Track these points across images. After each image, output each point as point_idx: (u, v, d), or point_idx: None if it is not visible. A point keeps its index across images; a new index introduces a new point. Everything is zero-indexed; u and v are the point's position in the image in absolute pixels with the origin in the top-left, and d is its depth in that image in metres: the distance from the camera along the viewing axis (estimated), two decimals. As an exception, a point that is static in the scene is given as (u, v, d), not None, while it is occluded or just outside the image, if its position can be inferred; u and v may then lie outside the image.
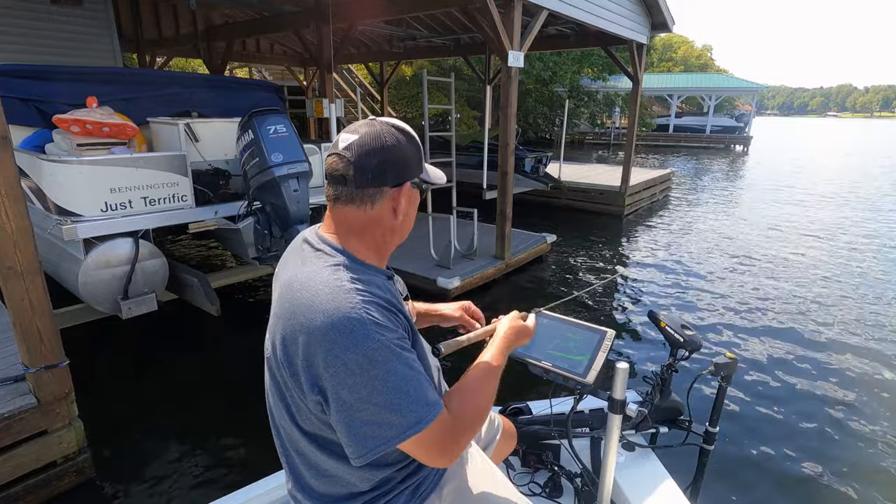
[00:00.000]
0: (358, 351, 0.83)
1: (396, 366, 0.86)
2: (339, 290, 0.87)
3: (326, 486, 1.00)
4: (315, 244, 0.98)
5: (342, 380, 0.83)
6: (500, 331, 1.16)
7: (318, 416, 0.91)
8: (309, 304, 0.87)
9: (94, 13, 6.81)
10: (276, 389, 0.97)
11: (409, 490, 1.04)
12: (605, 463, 1.26)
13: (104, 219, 3.29)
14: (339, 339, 0.83)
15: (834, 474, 2.81)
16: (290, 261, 1.01)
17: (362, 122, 0.96)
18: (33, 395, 2.35)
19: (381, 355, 0.84)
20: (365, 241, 0.98)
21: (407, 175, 0.98)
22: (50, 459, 2.43)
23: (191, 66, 16.18)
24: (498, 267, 5.67)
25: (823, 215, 9.77)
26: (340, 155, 0.93)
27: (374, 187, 0.94)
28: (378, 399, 0.84)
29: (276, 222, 3.63)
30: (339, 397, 0.85)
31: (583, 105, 23.94)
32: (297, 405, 0.94)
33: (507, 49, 5.09)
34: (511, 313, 1.23)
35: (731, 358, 1.48)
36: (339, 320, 0.84)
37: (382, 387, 0.84)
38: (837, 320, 4.86)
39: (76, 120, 3.40)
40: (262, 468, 1.54)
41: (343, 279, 0.89)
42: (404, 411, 0.85)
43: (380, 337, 0.85)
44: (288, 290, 0.93)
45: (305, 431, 0.96)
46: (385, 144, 0.93)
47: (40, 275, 2.26)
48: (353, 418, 0.85)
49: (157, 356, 4.00)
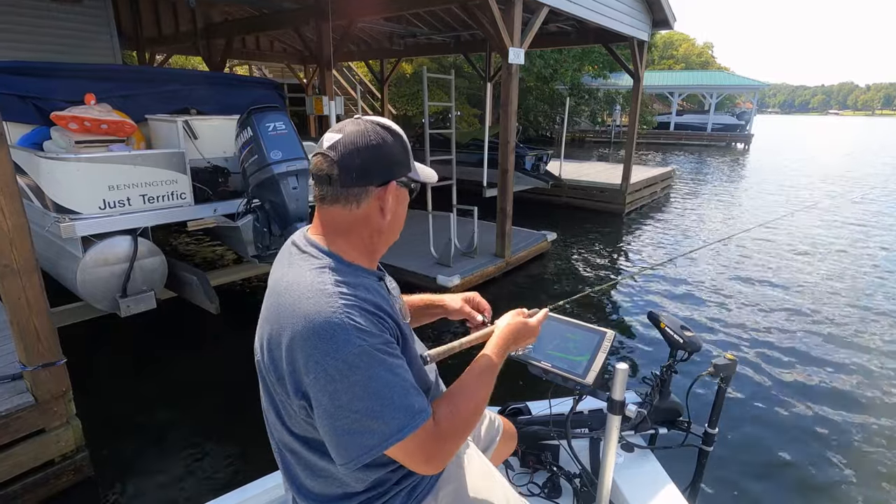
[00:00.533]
0: (338, 356, 0.81)
1: (379, 371, 0.84)
2: (322, 294, 0.86)
3: (322, 487, 0.99)
4: (302, 246, 0.96)
5: (323, 386, 0.82)
6: (498, 331, 1.13)
7: (305, 420, 0.90)
8: (292, 308, 0.86)
9: (93, 11, 6.79)
10: (266, 392, 0.97)
11: (405, 492, 1.03)
12: (604, 464, 1.25)
13: (102, 216, 3.27)
14: (320, 344, 0.82)
15: (834, 476, 2.80)
16: (278, 263, 1.00)
17: (348, 121, 0.95)
18: (31, 393, 2.34)
19: (363, 361, 0.82)
20: (352, 242, 0.96)
21: (393, 174, 0.96)
22: (48, 458, 2.42)
23: (190, 63, 16.16)
24: (498, 265, 5.66)
25: (824, 215, 9.73)
26: (325, 154, 0.92)
27: (358, 186, 0.93)
28: (358, 406, 0.82)
29: (276, 220, 3.61)
30: (320, 403, 0.84)
31: (583, 103, 23.88)
32: (285, 408, 0.93)
33: (508, 46, 5.06)
34: (513, 311, 1.19)
35: (730, 359, 1.47)
36: (320, 325, 0.83)
37: (363, 393, 0.82)
38: (839, 320, 4.83)
39: (74, 117, 3.38)
40: (262, 466, 1.53)
41: (327, 282, 0.88)
42: (386, 418, 0.83)
43: (361, 342, 0.83)
44: (273, 292, 0.93)
45: (295, 434, 0.95)
46: (370, 143, 0.92)
47: (37, 272, 2.25)
48: (335, 426, 0.84)
49: (156, 354, 3.99)
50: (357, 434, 0.83)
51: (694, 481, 1.63)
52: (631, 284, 5.91)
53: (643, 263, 6.61)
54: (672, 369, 1.58)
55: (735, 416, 3.34)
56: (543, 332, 1.26)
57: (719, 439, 1.61)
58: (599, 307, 5.21)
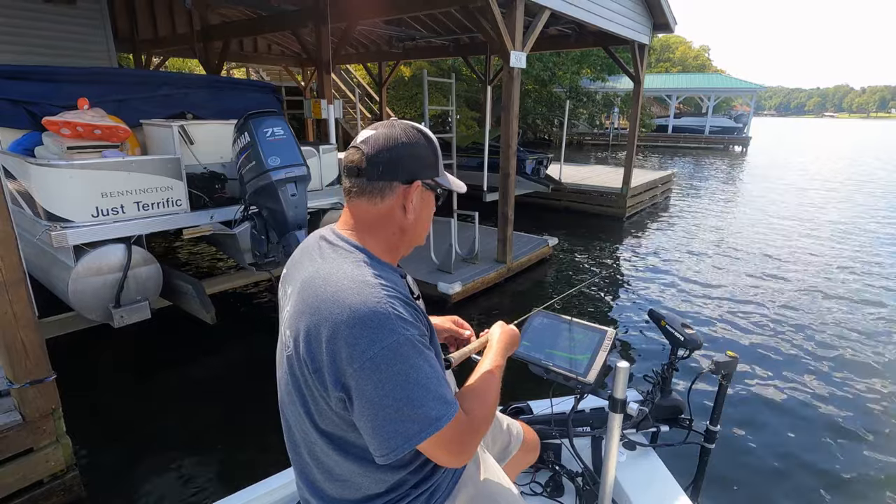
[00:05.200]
0: (384, 344, 0.83)
1: (419, 361, 0.85)
2: (365, 285, 0.88)
3: (340, 490, 0.98)
4: (333, 241, 0.98)
5: (368, 375, 0.83)
6: (495, 338, 1.18)
7: (340, 415, 0.90)
8: (333, 299, 0.87)
9: (88, 13, 6.69)
10: (296, 388, 0.95)
11: (425, 496, 1.03)
12: (606, 462, 1.26)
13: (95, 224, 3.18)
14: (365, 332, 0.83)
15: (833, 475, 2.79)
16: (305, 259, 1.01)
17: (383, 122, 0.99)
18: (18, 411, 2.24)
19: (406, 350, 0.84)
20: (379, 239, 0.99)
21: (419, 174, 0.98)
22: (36, 478, 2.32)
23: (187, 66, 16.08)
24: (500, 271, 5.58)
25: (825, 215, 9.70)
26: (357, 147, 0.96)
27: (384, 181, 0.95)
28: (401, 394, 0.84)
29: (274, 227, 3.53)
30: (363, 393, 0.84)
31: (582, 106, 23.88)
32: (316, 404, 0.92)
33: (510, 49, 4.99)
34: (497, 322, 1.24)
35: (731, 356, 1.48)
36: (366, 314, 0.84)
37: (406, 382, 0.84)
38: (840, 320, 4.82)
39: (66, 122, 3.29)
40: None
41: (367, 274, 0.90)
42: (427, 407, 0.85)
43: (404, 332, 0.85)
44: (310, 285, 0.93)
45: (323, 431, 0.94)
46: (399, 141, 0.96)
47: (25, 285, 2.16)
48: (378, 415, 0.84)
49: (150, 366, 3.89)
50: (399, 422, 0.84)
51: (696, 479, 1.64)
52: (632, 284, 5.88)
53: (644, 264, 6.55)
54: (673, 367, 1.60)
55: (737, 413, 3.34)
56: (545, 331, 1.29)
57: (721, 436, 1.60)
58: (600, 307, 5.17)
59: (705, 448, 1.60)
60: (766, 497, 2.64)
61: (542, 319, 1.32)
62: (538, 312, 1.38)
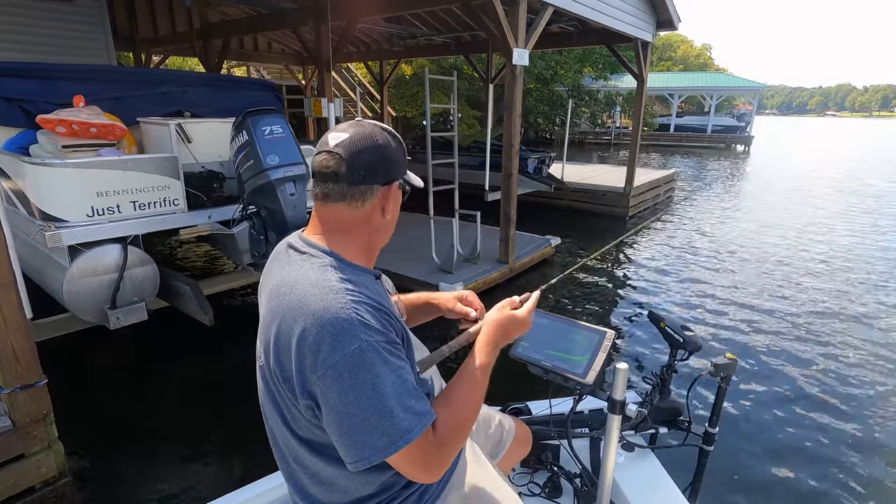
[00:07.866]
0: (346, 352, 0.81)
1: (384, 370, 0.83)
2: (329, 290, 0.86)
3: (329, 495, 0.97)
4: (300, 247, 0.96)
5: (331, 383, 0.81)
6: (486, 328, 1.08)
7: (311, 421, 0.89)
8: (298, 306, 0.86)
9: (86, 10, 6.62)
10: (271, 398, 0.95)
11: (414, 497, 1.02)
12: (605, 463, 1.26)
13: (90, 224, 3.12)
14: (327, 339, 0.81)
15: (833, 479, 2.76)
16: (274, 267, 1.00)
17: (350, 123, 0.97)
18: (8, 417, 2.18)
19: (370, 357, 0.82)
20: (352, 242, 0.97)
21: (395, 174, 0.98)
22: (28, 485, 2.26)
23: (187, 64, 16.03)
24: (502, 271, 5.51)
25: (827, 216, 9.63)
26: (332, 152, 0.92)
27: (365, 185, 0.94)
28: (367, 403, 0.81)
29: (273, 227, 3.47)
30: (328, 401, 0.82)
31: (584, 104, 23.77)
32: (290, 411, 0.91)
33: (513, 47, 4.93)
34: (501, 302, 1.13)
35: (730, 359, 1.48)
36: (328, 321, 0.82)
37: (371, 391, 0.81)
38: (841, 321, 4.78)
39: (61, 120, 3.23)
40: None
41: (332, 279, 0.88)
42: (396, 419, 0.82)
43: (368, 338, 0.82)
44: (276, 293, 0.92)
45: (301, 438, 0.93)
46: (376, 143, 0.94)
47: (15, 288, 2.10)
48: (343, 423, 0.82)
49: (146, 369, 3.83)
50: (366, 433, 0.82)
51: (694, 481, 1.64)
52: (632, 285, 5.82)
53: (645, 265, 6.49)
54: (672, 369, 1.60)
55: (736, 415, 3.31)
56: (544, 332, 1.26)
57: (720, 439, 1.60)
58: (600, 307, 5.11)
59: (704, 450, 1.60)
60: (764, 500, 2.62)
61: (542, 319, 1.30)
62: (538, 300, 1.24)
